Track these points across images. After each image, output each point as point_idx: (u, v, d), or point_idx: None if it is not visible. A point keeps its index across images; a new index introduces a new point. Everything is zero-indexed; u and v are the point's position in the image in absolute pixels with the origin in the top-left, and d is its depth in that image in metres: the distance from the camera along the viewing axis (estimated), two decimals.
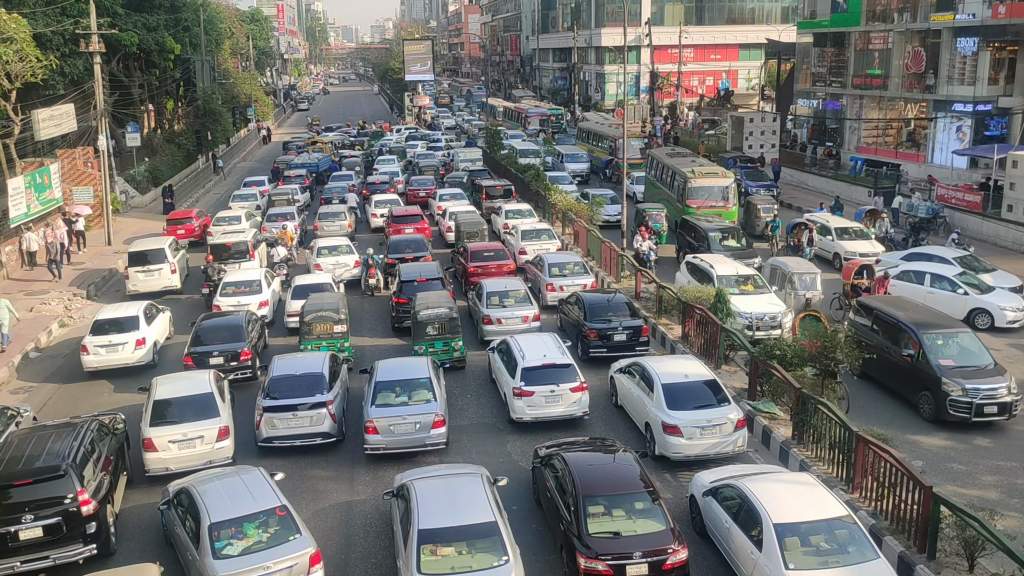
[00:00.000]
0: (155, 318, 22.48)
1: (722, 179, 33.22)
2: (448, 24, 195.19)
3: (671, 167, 35.05)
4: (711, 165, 35.59)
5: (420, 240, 29.54)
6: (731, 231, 28.62)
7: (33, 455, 13.38)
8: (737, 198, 33.34)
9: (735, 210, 32.81)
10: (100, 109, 35.57)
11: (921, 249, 27.44)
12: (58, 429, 14.57)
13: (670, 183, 34.96)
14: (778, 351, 17.90)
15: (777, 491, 12.34)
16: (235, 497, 12.53)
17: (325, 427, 16.54)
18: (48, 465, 13.01)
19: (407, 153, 55.51)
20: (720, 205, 32.33)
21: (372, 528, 14.14)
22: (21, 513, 12.54)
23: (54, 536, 12.69)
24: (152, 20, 48.34)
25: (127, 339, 21.02)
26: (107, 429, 15.25)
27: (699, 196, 32.38)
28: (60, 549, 12.75)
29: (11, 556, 12.51)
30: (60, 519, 12.66)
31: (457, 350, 20.39)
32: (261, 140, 76.50)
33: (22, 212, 30.99)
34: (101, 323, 21.38)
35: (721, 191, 32.75)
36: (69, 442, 13.69)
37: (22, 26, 32.68)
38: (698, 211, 31.49)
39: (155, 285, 27.12)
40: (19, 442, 14.03)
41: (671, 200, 34.44)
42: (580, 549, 11.84)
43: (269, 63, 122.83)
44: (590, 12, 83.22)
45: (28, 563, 12.60)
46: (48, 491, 12.73)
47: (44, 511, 12.63)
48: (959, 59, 40.05)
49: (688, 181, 32.64)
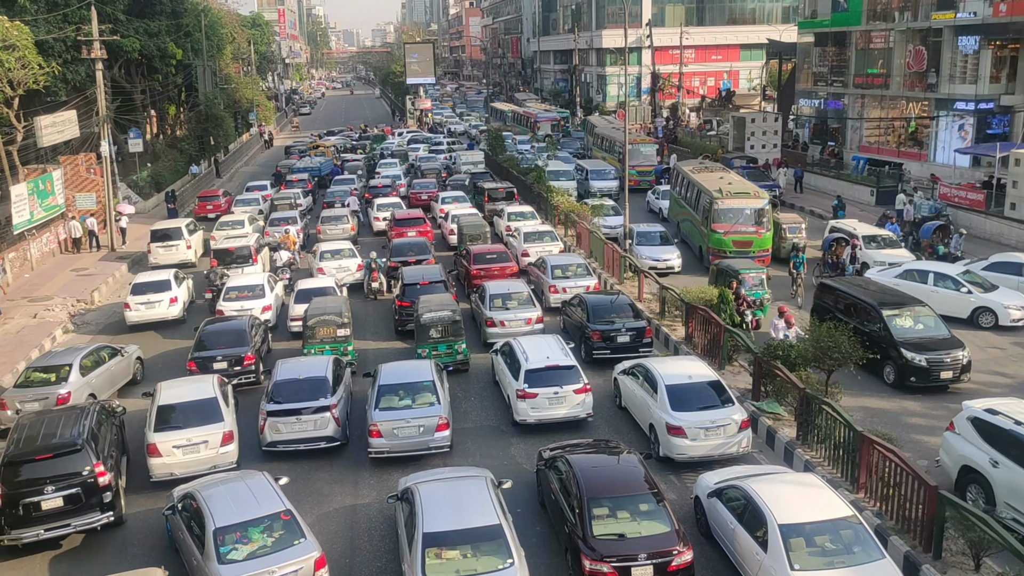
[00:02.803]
0: (183, 282, 26.20)
1: (754, 200, 28.55)
2: (449, 27, 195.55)
3: (696, 184, 30.75)
4: (742, 182, 30.93)
5: (423, 243, 29.54)
6: (909, 306, 20.38)
7: (48, 433, 14.40)
8: (772, 222, 28.77)
9: (769, 236, 28.38)
10: (102, 115, 35.66)
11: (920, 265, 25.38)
12: (66, 412, 15.56)
13: (695, 202, 30.70)
14: (781, 352, 17.87)
15: (782, 492, 12.33)
16: (240, 502, 12.54)
17: (329, 431, 16.55)
18: (66, 441, 14.09)
19: (409, 156, 55.54)
20: (751, 231, 28.02)
21: (377, 532, 14.13)
22: (43, 485, 13.58)
23: (74, 505, 13.71)
24: (154, 26, 48.42)
25: (162, 298, 24.84)
26: (108, 412, 16.14)
27: (727, 219, 28.12)
28: (80, 517, 13.74)
29: (35, 524, 13.51)
30: (79, 490, 13.71)
31: (460, 353, 20.39)
32: (263, 144, 76.61)
33: (25, 219, 31.09)
34: (139, 285, 25.17)
35: (753, 214, 28.19)
36: (80, 422, 14.74)
37: (24, 33, 32.80)
38: (725, 236, 27.91)
39: (174, 259, 31.19)
40: (32, 424, 14.92)
41: (695, 222, 30.55)
42: (585, 551, 11.83)
43: (271, 68, 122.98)
44: (591, 14, 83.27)
45: (51, 531, 13.58)
46: (67, 465, 13.78)
47: (64, 483, 13.65)
48: (960, 57, 40.01)
49: (715, 202, 28.24)
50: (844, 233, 28.69)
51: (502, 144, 51.51)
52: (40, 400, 17.87)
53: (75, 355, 19.21)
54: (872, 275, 25.18)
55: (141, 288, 25.08)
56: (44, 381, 18.42)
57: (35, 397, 17.97)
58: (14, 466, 13.74)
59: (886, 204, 36.62)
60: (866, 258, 27.39)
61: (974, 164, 39.51)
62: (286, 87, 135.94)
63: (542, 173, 40.25)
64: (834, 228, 29.57)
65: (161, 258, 31.24)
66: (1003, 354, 21.39)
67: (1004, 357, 21.17)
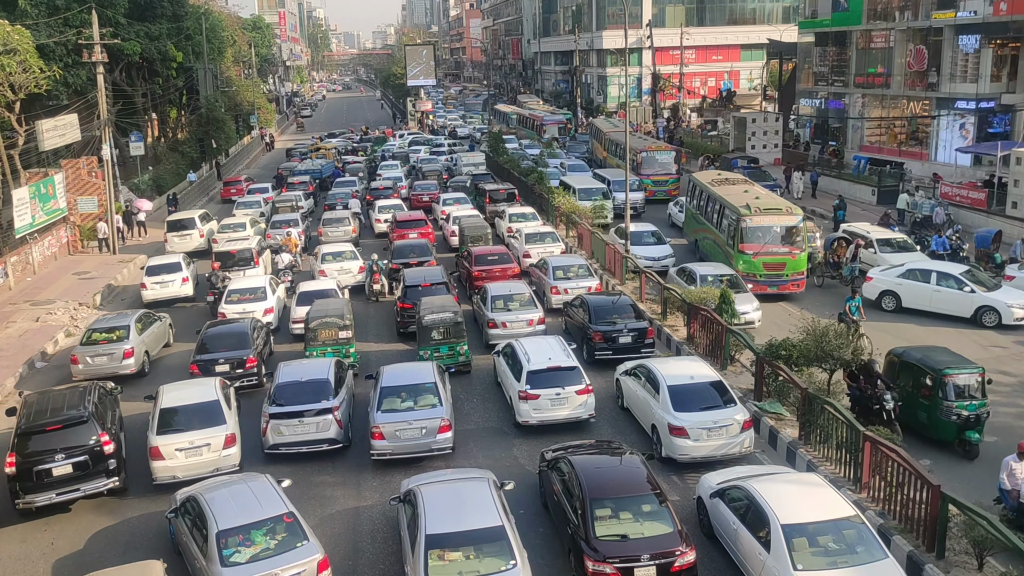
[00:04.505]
0: (191, 264, 28.79)
1: (787, 216, 26.06)
2: (450, 29, 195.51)
3: (718, 198, 28.31)
4: (770, 196, 28.35)
5: (424, 245, 29.54)
6: None
7: (56, 408, 15.65)
8: (807, 240, 26.42)
9: (803, 257, 25.88)
10: (103, 119, 35.70)
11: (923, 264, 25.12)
12: (69, 390, 16.94)
13: (716, 220, 28.17)
14: (784, 351, 17.86)
15: (784, 492, 12.32)
16: (242, 504, 12.55)
17: (331, 433, 16.55)
18: (73, 414, 15.33)
19: (410, 158, 55.54)
20: (784, 252, 25.58)
21: (379, 534, 14.13)
22: (54, 453, 14.80)
23: (82, 472, 14.92)
24: (154, 29, 48.48)
25: (175, 277, 27.34)
26: (106, 391, 17.40)
27: (757, 239, 25.65)
28: (88, 483, 14.96)
29: (48, 490, 14.76)
30: (87, 457, 14.92)
31: (462, 354, 20.38)
32: (264, 147, 76.68)
33: (27, 223, 31.14)
34: (153, 267, 27.80)
35: (786, 233, 25.84)
36: (84, 398, 16.00)
37: (25, 37, 32.82)
38: (755, 258, 25.61)
39: (187, 246, 33.48)
40: (39, 400, 16.26)
41: (718, 242, 28.08)
42: (588, 552, 11.82)
43: (272, 70, 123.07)
44: (591, 15, 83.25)
45: (62, 495, 14.83)
46: (75, 435, 15.04)
47: (73, 451, 14.87)
48: (961, 56, 39.99)
49: (742, 220, 25.86)
50: (857, 236, 27.72)
51: (503, 145, 51.36)
52: (108, 355, 20.81)
53: (129, 318, 22.14)
54: (874, 275, 25.11)
55: (155, 269, 27.67)
56: (108, 339, 21.16)
57: (104, 352, 20.86)
58: (27, 437, 14.94)
59: (887, 204, 36.60)
60: (880, 262, 26.45)
61: (975, 163, 39.49)
62: (287, 90, 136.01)
63: (543, 175, 40.13)
64: (846, 232, 28.70)
65: (177, 246, 33.45)
66: (1007, 353, 21.38)
67: (1007, 356, 21.16)
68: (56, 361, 23.25)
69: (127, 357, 20.84)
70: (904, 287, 24.09)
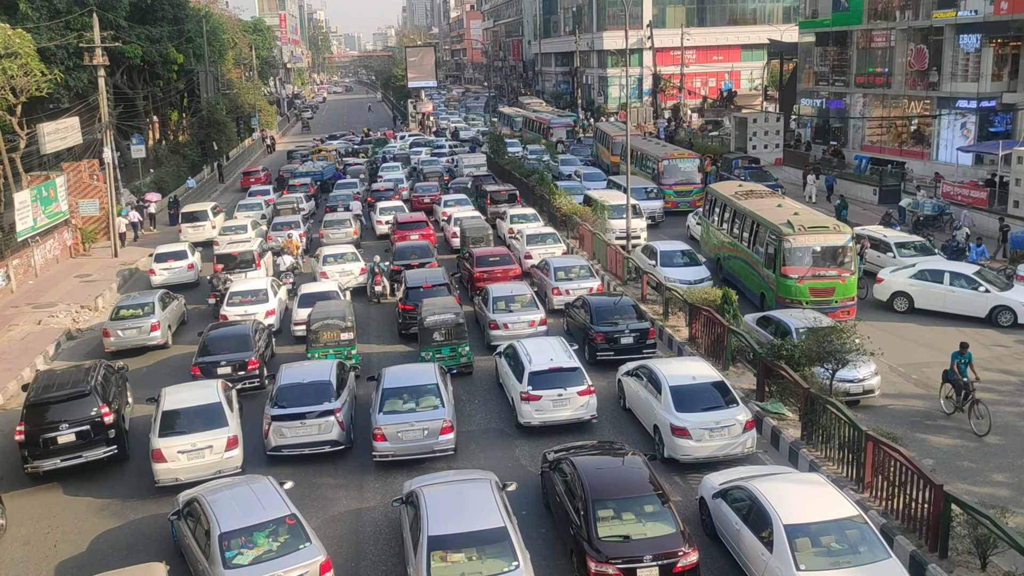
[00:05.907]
0: (196, 252, 31.09)
1: (834, 235, 23.05)
2: (450, 30, 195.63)
3: (748, 214, 25.43)
4: (812, 214, 25.25)
5: (425, 246, 29.53)
6: None
7: (63, 383, 17.02)
8: (856, 262, 23.69)
9: (854, 281, 23.09)
10: (105, 122, 35.73)
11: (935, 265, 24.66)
12: (76, 368, 18.37)
13: (750, 238, 25.13)
14: (785, 351, 17.85)
15: (787, 492, 12.31)
16: (245, 506, 12.55)
17: (333, 435, 16.55)
18: (77, 389, 16.69)
19: (411, 160, 55.56)
20: (832, 275, 22.75)
21: (382, 535, 14.14)
22: (59, 423, 16.20)
23: (84, 440, 16.30)
24: (155, 32, 48.54)
25: (182, 264, 29.75)
26: (112, 369, 18.73)
27: (802, 262, 22.70)
28: (90, 451, 16.34)
29: (53, 456, 16.21)
30: (88, 427, 16.32)
31: (464, 355, 20.38)
32: (265, 149, 76.73)
33: (29, 226, 31.18)
34: (161, 254, 30.05)
35: (834, 254, 22.94)
36: (88, 374, 17.33)
37: (26, 41, 32.86)
38: (800, 283, 22.64)
39: (200, 236, 35.50)
40: (48, 376, 17.85)
41: (750, 262, 25.00)
42: (590, 553, 11.82)
43: (272, 73, 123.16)
44: (592, 16, 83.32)
45: (66, 461, 16.22)
46: (78, 407, 16.43)
47: (76, 421, 16.26)
48: (962, 56, 39.97)
49: (785, 239, 22.77)
50: (864, 237, 27.12)
51: (504, 146, 51.31)
52: (137, 328, 22.91)
53: (152, 296, 24.30)
54: (885, 276, 24.92)
55: (163, 256, 29.99)
56: (135, 315, 23.25)
57: (132, 326, 22.95)
58: (35, 408, 16.39)
59: (889, 203, 36.58)
60: (895, 264, 25.65)
61: (977, 162, 39.46)
62: (288, 92, 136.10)
63: (544, 174, 40.02)
64: (862, 235, 27.88)
65: (190, 236, 35.41)
66: (1008, 352, 21.36)
67: (1008, 355, 21.14)
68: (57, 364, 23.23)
69: (154, 330, 22.96)
70: (917, 288, 23.85)
